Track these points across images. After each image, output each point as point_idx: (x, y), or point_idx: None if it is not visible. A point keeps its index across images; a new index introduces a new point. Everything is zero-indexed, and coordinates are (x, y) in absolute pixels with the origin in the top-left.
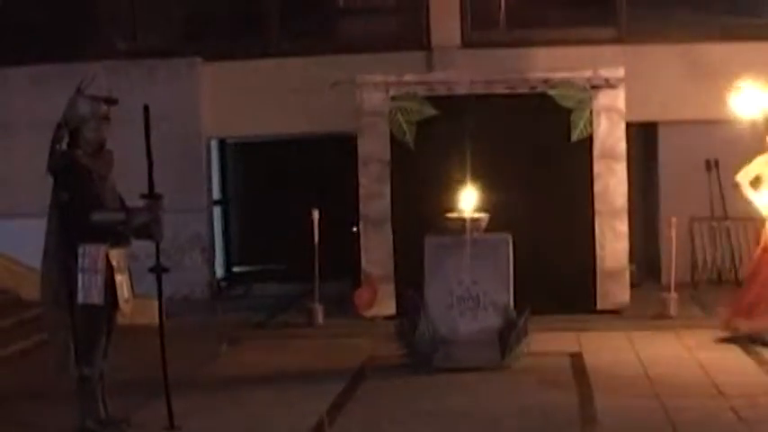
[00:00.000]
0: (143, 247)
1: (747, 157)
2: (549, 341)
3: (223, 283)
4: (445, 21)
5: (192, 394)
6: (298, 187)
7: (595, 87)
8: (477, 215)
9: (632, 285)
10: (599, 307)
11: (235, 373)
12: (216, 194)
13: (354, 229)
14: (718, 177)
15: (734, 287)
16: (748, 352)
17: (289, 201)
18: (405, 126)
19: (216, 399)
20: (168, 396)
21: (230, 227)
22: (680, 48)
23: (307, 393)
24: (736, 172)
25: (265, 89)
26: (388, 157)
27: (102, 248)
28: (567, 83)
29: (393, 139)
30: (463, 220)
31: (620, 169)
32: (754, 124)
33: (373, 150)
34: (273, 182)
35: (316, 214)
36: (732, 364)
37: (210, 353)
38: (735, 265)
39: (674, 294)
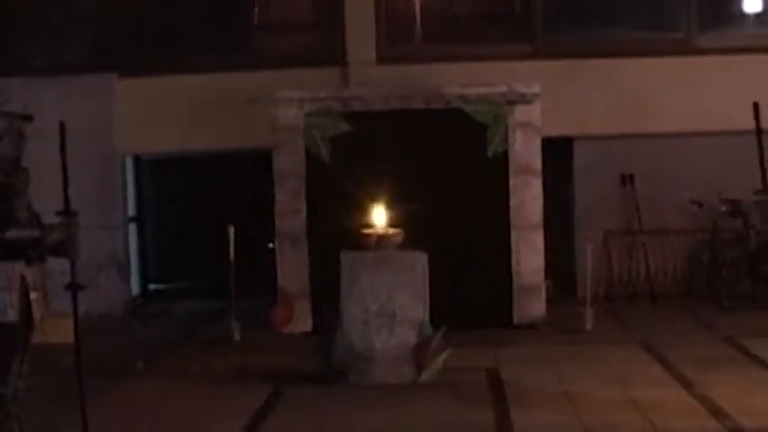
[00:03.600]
0: (58, 264)
1: (662, 171)
2: (466, 357)
3: (139, 301)
4: (361, 37)
5: (108, 412)
6: (214, 204)
7: (511, 103)
8: (392, 231)
9: (548, 300)
10: (515, 322)
11: (151, 391)
12: (131, 211)
13: (271, 245)
14: (633, 192)
15: (649, 301)
16: (662, 363)
17: (205, 217)
18: (320, 142)
19: (132, 416)
20: (84, 413)
21: (146, 244)
22: (595, 63)
23: (223, 410)
24: (651, 186)
25: (181, 105)
26: (303, 173)
27: (18, 266)
28: (482, 98)
29: (309, 155)
30: (379, 235)
31: (536, 184)
32: None
33: (289, 166)
34: (189, 198)
35: (231, 231)
36: (649, 378)
37: (127, 371)
38: (650, 279)
39: (589, 309)
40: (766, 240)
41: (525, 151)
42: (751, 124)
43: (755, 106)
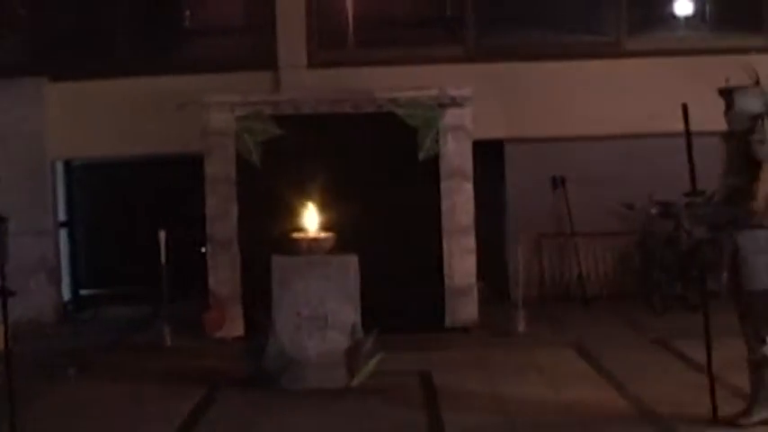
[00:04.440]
0: None
1: (593, 174)
2: (398, 360)
3: (70, 306)
4: (292, 41)
5: (38, 417)
6: (146, 208)
7: (442, 106)
8: (323, 235)
9: (480, 303)
10: (448, 325)
11: (82, 397)
12: (62, 216)
13: (203, 249)
14: (565, 194)
15: (581, 303)
16: (594, 365)
17: (137, 222)
18: (251, 146)
19: (63, 421)
20: (14, 418)
21: (77, 249)
22: (526, 66)
23: (155, 415)
24: (582, 188)
25: (112, 109)
26: (234, 177)
27: None
28: (413, 102)
29: (240, 159)
30: (310, 239)
31: (468, 187)
32: None
33: (220, 170)
34: (121, 203)
35: (163, 235)
36: (581, 380)
37: (58, 377)
38: (582, 282)
39: (521, 311)
40: (697, 242)
41: (457, 154)
42: (680, 126)
43: (684, 108)
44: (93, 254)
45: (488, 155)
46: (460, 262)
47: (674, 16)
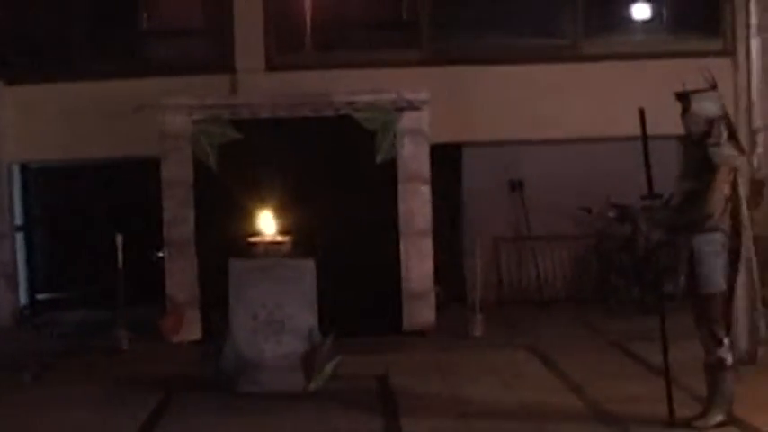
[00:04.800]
0: None
1: (551, 177)
2: (356, 364)
3: (27, 311)
4: (250, 44)
5: None
6: (103, 212)
7: (399, 110)
8: (281, 238)
9: (438, 306)
10: (405, 328)
11: (38, 402)
12: (19, 220)
13: (160, 253)
14: (523, 198)
15: (538, 306)
16: (551, 368)
17: (94, 226)
18: (208, 149)
19: (19, 427)
20: None
21: (34, 253)
22: (483, 69)
23: (112, 419)
24: (540, 192)
25: (68, 113)
26: (191, 180)
27: None
28: (371, 105)
29: (197, 163)
30: (267, 243)
31: (425, 191)
32: None
33: (177, 174)
34: (79, 207)
35: (120, 239)
36: (538, 383)
37: (14, 381)
38: (539, 285)
39: (479, 314)
40: (654, 245)
41: (414, 158)
42: (637, 130)
43: (641, 112)
44: (50, 258)
45: (446, 158)
46: (418, 265)
47: (631, 20)
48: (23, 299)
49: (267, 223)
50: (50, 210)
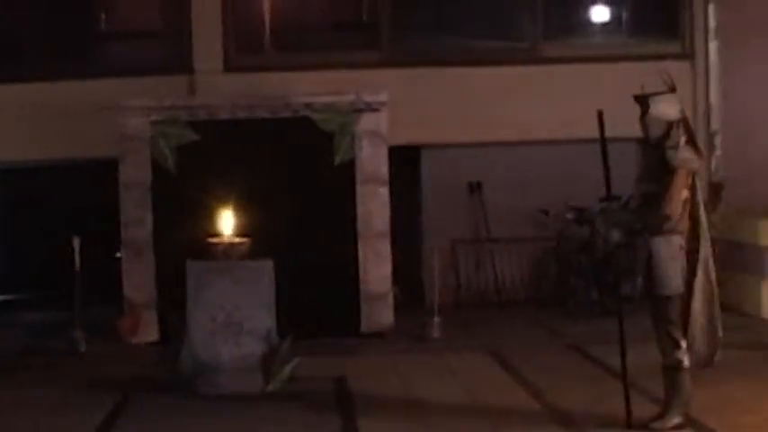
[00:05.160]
0: None
1: (510, 180)
2: (314, 366)
3: None
4: (208, 45)
5: None
6: (61, 214)
7: (358, 111)
8: (239, 240)
9: (396, 308)
10: (363, 330)
11: None
12: None
13: (118, 255)
14: (481, 200)
15: (497, 309)
16: (509, 371)
17: (52, 227)
18: (166, 151)
19: None
20: None
21: None
22: (442, 71)
23: (69, 422)
24: (498, 194)
25: (25, 114)
26: (149, 182)
27: None
28: (329, 107)
29: (155, 164)
30: (225, 245)
31: (383, 193)
32: None
33: (135, 175)
34: (36, 208)
35: (77, 241)
36: (496, 385)
37: None
38: (498, 287)
39: (437, 317)
40: (612, 248)
41: (372, 160)
42: (596, 132)
43: (600, 114)
44: (6, 259)
45: (404, 160)
46: (376, 267)
47: (590, 23)
48: None
49: (225, 225)
50: (8, 210)
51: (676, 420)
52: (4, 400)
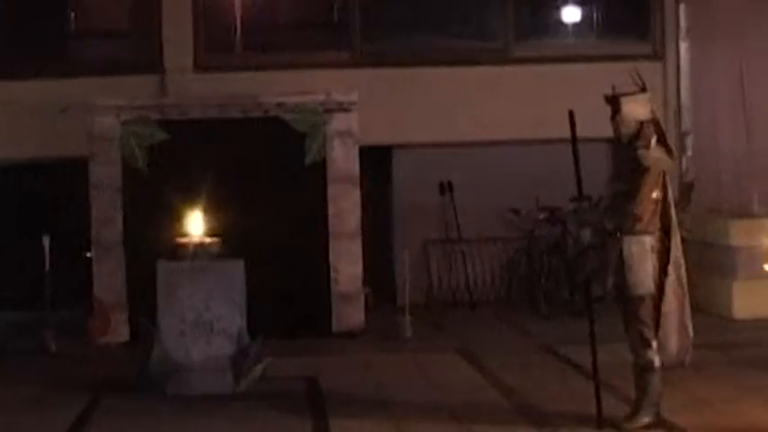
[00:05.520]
0: None
1: (481, 180)
2: (285, 366)
3: None
4: (179, 44)
5: None
6: (30, 213)
7: (329, 111)
8: (209, 240)
9: (367, 308)
10: (334, 330)
11: None
12: None
13: (88, 254)
14: (452, 200)
15: (468, 308)
16: (481, 371)
17: (21, 227)
18: (137, 151)
19: None
20: None
21: None
22: (414, 72)
23: (39, 422)
24: (469, 194)
25: None
26: (119, 182)
27: None
28: (300, 107)
29: (125, 164)
30: (196, 245)
31: (355, 193)
32: None
33: (105, 175)
34: (4, 207)
35: (46, 240)
36: (467, 385)
37: None
38: (469, 287)
39: (408, 317)
40: (583, 248)
41: (343, 160)
42: (567, 132)
43: (571, 114)
44: None
45: (376, 160)
46: (347, 267)
47: (561, 23)
48: None
49: (196, 224)
50: None
51: (647, 420)
52: None
